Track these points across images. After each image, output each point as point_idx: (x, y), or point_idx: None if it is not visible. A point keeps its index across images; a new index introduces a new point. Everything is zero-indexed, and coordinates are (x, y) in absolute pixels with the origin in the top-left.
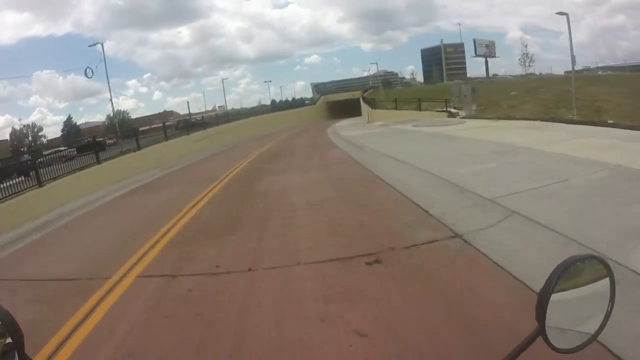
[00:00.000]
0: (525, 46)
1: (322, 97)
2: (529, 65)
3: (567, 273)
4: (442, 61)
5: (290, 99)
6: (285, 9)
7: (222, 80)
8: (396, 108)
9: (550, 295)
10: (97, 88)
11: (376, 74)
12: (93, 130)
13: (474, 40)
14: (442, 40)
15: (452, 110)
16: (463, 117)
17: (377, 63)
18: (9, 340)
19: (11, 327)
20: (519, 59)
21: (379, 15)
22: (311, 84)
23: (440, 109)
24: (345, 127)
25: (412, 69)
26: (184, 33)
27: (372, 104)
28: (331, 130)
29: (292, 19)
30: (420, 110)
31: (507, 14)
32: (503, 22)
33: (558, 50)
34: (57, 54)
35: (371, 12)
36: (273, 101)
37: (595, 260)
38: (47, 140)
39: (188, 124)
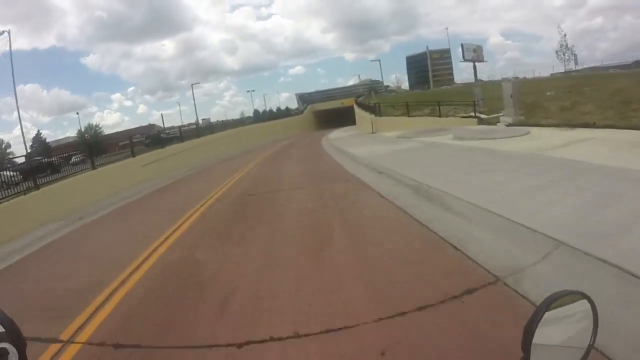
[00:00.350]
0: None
1: (309, 106)
2: (568, 61)
3: (553, 307)
4: (427, 67)
5: (275, 110)
6: (269, 21)
7: (192, 85)
8: (408, 114)
9: (536, 328)
10: (82, 102)
11: (360, 83)
12: (62, 146)
13: (462, 45)
14: (427, 47)
15: (482, 115)
16: (510, 124)
17: (363, 72)
18: (2, 345)
19: (15, 336)
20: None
21: (362, 25)
22: (296, 94)
23: (465, 114)
24: (345, 140)
25: (397, 76)
26: (167, 46)
27: (376, 110)
28: (329, 145)
29: (276, 30)
30: (439, 115)
31: (488, 20)
32: (484, 28)
33: (539, 54)
34: (41, 67)
35: (354, 22)
36: (256, 111)
37: (579, 295)
38: (12, 158)
39: (156, 140)
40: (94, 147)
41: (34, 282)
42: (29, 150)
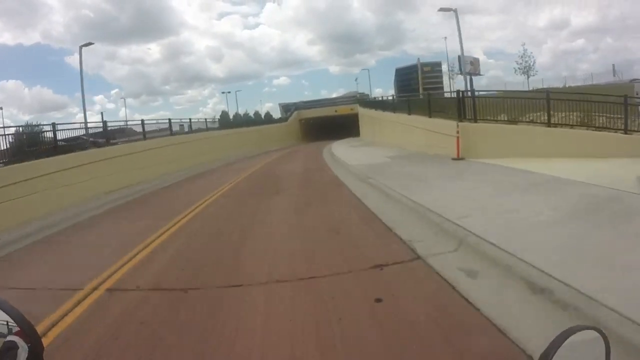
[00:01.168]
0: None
1: (295, 112)
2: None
3: (567, 342)
4: (417, 80)
5: (252, 115)
6: (256, 30)
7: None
8: (548, 122)
9: None
10: (63, 102)
11: (345, 95)
12: None
13: (459, 57)
14: (419, 59)
15: None
16: None
17: (347, 86)
18: (11, 338)
19: (33, 340)
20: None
21: (349, 39)
22: (279, 104)
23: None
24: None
25: (379, 91)
26: (153, 49)
27: (465, 108)
28: (360, 188)
29: (263, 40)
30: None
31: (472, 38)
32: (469, 47)
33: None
34: (24, 65)
35: (341, 35)
36: (224, 114)
37: (594, 331)
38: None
39: None
40: None
41: None
42: None
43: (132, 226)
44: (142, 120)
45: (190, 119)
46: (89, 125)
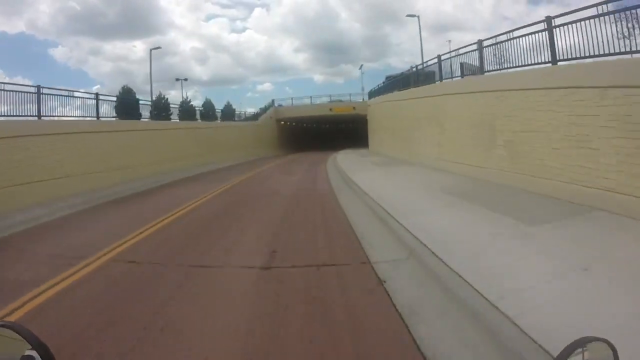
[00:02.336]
0: None
1: (272, 109)
2: None
3: (577, 353)
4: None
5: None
6: (243, 34)
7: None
8: None
9: None
10: None
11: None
12: None
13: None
14: (411, 67)
15: None
16: None
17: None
18: (29, 352)
19: (45, 355)
20: None
21: (335, 48)
22: (260, 108)
23: None
24: None
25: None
26: (138, 47)
27: None
28: None
29: (249, 45)
30: None
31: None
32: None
33: None
34: (6, 53)
35: (327, 45)
36: (157, 101)
37: (602, 342)
38: None
39: None
40: None
41: None
42: None
43: None
44: None
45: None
46: None
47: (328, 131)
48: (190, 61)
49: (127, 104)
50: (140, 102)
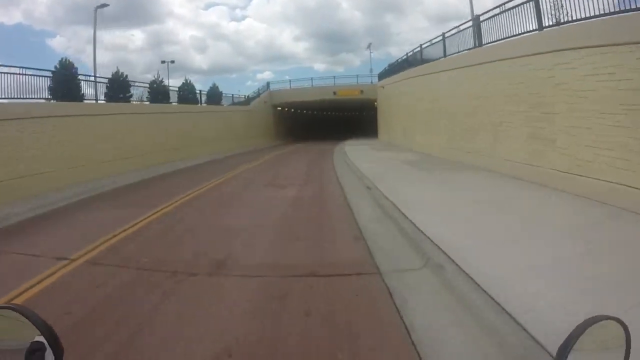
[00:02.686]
0: None
1: (267, 92)
2: None
3: (588, 331)
4: None
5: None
6: (243, 23)
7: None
8: None
9: (569, 352)
10: None
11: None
12: None
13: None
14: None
15: None
16: None
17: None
18: (38, 337)
19: (52, 341)
20: None
21: (335, 37)
22: (253, 92)
23: None
24: None
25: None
26: (137, 36)
27: None
28: None
29: (248, 33)
30: None
31: None
32: None
33: None
34: (3, 44)
35: (328, 34)
36: (114, 79)
37: (614, 320)
38: None
39: None
40: None
41: None
42: None
43: None
44: None
45: None
46: None
47: (331, 119)
48: (189, 50)
49: (64, 82)
50: (84, 78)
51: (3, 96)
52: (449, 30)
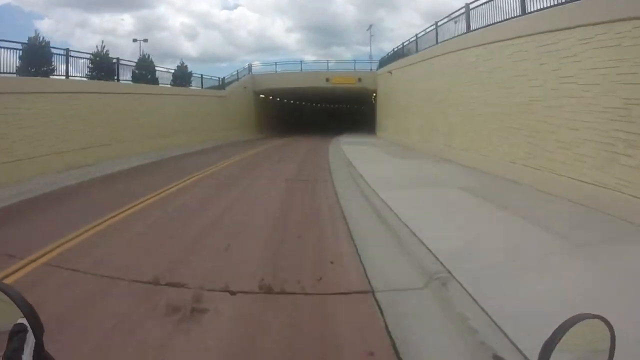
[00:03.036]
0: None
1: (250, 76)
2: None
3: (571, 330)
4: None
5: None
6: (234, 11)
7: None
8: None
9: (553, 349)
10: None
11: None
12: None
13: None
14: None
15: None
16: None
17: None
18: (22, 319)
19: (32, 320)
20: None
21: (328, 30)
22: (230, 74)
23: None
24: None
25: None
26: (126, 21)
27: None
28: None
29: (240, 23)
30: None
31: None
32: None
33: None
34: None
35: (320, 26)
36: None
37: (598, 319)
38: None
39: None
40: None
41: None
42: None
43: None
44: None
45: None
46: None
47: (322, 112)
48: (179, 37)
49: None
50: None
51: None
52: None
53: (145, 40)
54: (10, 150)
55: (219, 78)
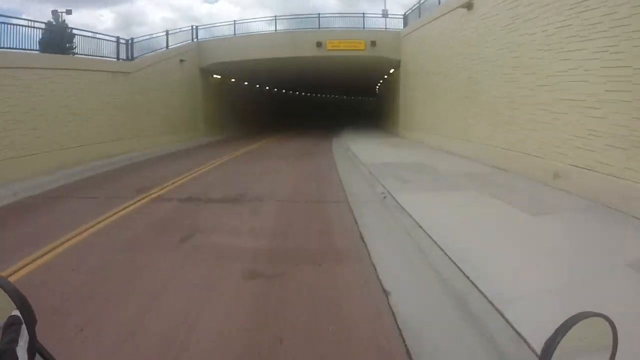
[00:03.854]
0: None
1: (196, 45)
2: None
3: (574, 328)
4: None
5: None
6: (215, 5)
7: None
8: None
9: (555, 348)
10: None
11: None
12: None
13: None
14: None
15: None
16: None
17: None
18: (15, 312)
19: (25, 312)
20: None
21: (309, 23)
22: (152, 36)
23: None
24: None
25: None
26: (106, 17)
27: None
28: None
29: (221, 16)
30: None
31: None
32: None
33: None
34: None
35: (301, 19)
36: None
37: (601, 317)
38: None
39: None
40: None
41: None
42: None
43: None
44: None
45: None
46: None
47: (311, 102)
48: (159, 32)
49: None
50: None
51: None
52: None
53: (70, 12)
54: None
55: (117, 39)
